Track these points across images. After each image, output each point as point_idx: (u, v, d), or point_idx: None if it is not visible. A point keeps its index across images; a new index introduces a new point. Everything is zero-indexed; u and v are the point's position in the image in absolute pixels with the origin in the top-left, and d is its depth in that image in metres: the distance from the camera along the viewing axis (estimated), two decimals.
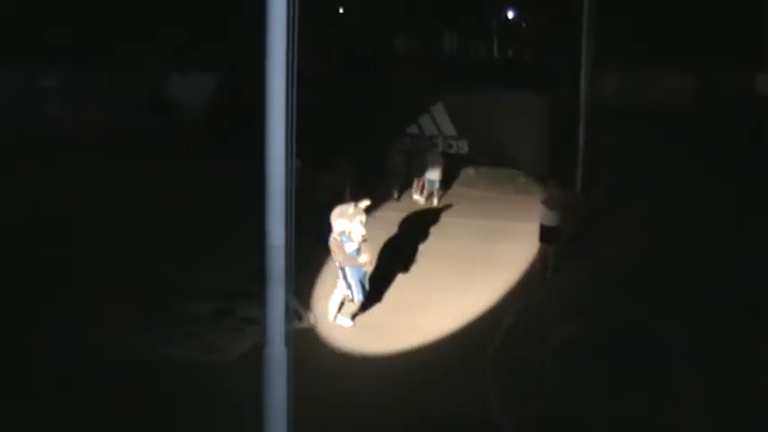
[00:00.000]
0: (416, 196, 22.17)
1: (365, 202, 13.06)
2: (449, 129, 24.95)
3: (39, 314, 12.93)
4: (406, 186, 22.47)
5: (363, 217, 12.87)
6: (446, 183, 22.80)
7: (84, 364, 11.25)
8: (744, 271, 15.71)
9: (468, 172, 24.19)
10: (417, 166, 22.49)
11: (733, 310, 13.77)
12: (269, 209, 5.83)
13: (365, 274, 13.02)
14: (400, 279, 15.05)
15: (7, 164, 22.15)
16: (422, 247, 16.82)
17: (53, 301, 13.42)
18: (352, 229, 12.69)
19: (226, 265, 15.05)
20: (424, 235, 17.71)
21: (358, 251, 12.76)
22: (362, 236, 12.81)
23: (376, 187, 14.82)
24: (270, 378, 6.04)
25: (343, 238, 12.68)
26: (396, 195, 21.95)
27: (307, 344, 11.54)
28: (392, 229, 17.56)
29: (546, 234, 15.79)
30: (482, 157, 24.44)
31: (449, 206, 21.14)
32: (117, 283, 14.42)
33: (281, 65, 5.56)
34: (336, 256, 12.75)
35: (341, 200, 13.20)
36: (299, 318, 12.55)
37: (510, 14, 42.05)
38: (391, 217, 18.83)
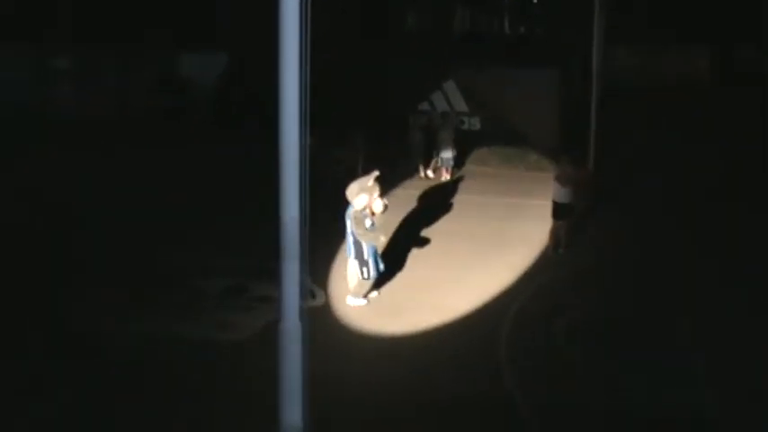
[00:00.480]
0: (430, 173, 22.16)
1: (375, 173, 13.03)
2: (461, 105, 24.88)
3: (51, 295, 12.99)
4: (426, 163, 22.46)
5: (378, 189, 12.91)
6: (459, 160, 22.75)
7: (98, 343, 11.31)
8: (753, 247, 15.72)
9: (481, 150, 24.09)
10: (433, 144, 22.50)
11: (743, 286, 13.72)
12: (283, 185, 5.82)
13: (377, 251, 13.03)
14: (413, 257, 15.04)
15: (20, 147, 22.25)
16: (435, 225, 16.80)
17: (66, 283, 13.47)
18: (373, 203, 12.73)
19: (239, 243, 15.08)
20: (436, 213, 17.67)
21: (373, 225, 12.78)
22: (384, 204, 12.87)
23: (390, 163, 14.80)
24: (284, 353, 6.06)
25: (364, 213, 12.69)
26: (423, 174, 21.94)
27: (321, 322, 11.54)
28: (405, 207, 17.54)
29: (558, 211, 15.76)
30: (494, 133, 24.35)
31: (461, 183, 21.10)
32: (130, 262, 14.48)
33: (294, 40, 5.54)
34: (357, 230, 12.71)
35: (354, 175, 13.15)
36: (313, 296, 12.57)
37: None
38: (405, 194, 18.82)
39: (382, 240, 12.97)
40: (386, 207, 12.98)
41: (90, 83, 27.78)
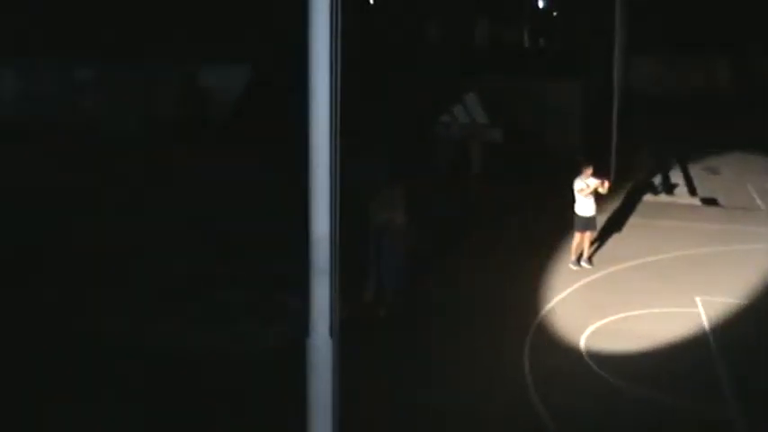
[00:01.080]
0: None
1: (403, 187, 13.07)
2: (482, 117, 24.77)
3: (75, 303, 13.06)
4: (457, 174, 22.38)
5: (405, 200, 12.95)
6: (479, 171, 22.70)
7: (123, 352, 11.34)
8: None
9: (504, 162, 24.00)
10: (463, 155, 22.53)
11: None
12: (312, 199, 5.80)
13: (401, 261, 12.98)
14: (434, 272, 15.03)
15: (47, 157, 22.44)
16: (463, 236, 16.85)
17: (90, 289, 13.55)
18: (396, 216, 12.77)
19: (265, 255, 15.08)
20: (458, 226, 17.65)
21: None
22: (405, 217, 12.89)
23: (417, 175, 14.83)
24: (313, 370, 6.02)
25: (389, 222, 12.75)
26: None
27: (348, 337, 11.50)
28: (434, 218, 17.50)
29: (580, 223, 15.65)
30: (515, 146, 24.26)
31: (484, 196, 21.03)
32: (155, 272, 14.52)
33: (324, 51, 5.54)
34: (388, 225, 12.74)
35: (380, 190, 13.18)
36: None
37: (541, 2, 41.85)
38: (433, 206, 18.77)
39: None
40: (411, 218, 13.01)
41: (115, 94, 27.97)
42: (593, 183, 15.53)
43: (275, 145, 19.39)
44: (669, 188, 21.50)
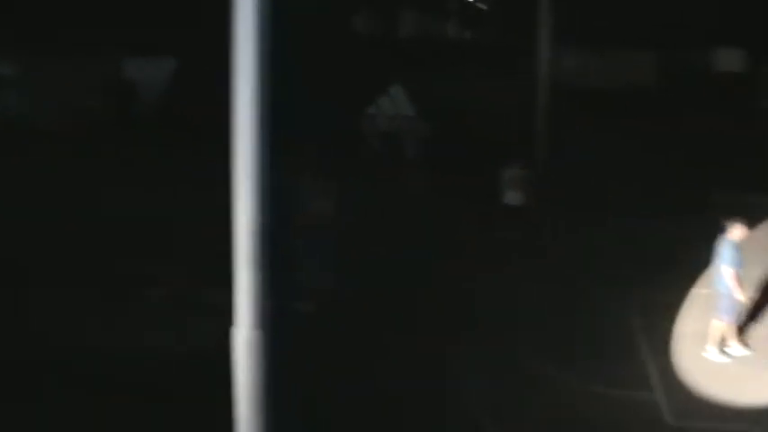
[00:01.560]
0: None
1: (333, 178, 13.14)
2: (407, 109, 24.80)
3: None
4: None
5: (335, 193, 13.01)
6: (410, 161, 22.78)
7: (55, 356, 11.13)
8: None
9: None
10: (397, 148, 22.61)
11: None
12: (238, 191, 5.74)
13: (331, 254, 12.99)
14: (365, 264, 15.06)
15: None
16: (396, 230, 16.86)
17: (15, 295, 13.25)
18: (325, 208, 12.80)
19: (192, 249, 14.93)
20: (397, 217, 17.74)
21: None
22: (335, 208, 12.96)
23: (343, 170, 14.80)
24: (240, 363, 5.97)
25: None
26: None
27: (278, 330, 11.43)
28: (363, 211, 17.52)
29: (509, 216, 15.83)
30: (442, 138, 24.38)
31: (415, 185, 21.11)
32: (81, 273, 14.27)
33: (249, 40, 5.49)
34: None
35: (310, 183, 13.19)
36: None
37: None
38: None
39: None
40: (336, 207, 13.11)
41: (34, 89, 27.38)
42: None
43: (201, 138, 19.20)
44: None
